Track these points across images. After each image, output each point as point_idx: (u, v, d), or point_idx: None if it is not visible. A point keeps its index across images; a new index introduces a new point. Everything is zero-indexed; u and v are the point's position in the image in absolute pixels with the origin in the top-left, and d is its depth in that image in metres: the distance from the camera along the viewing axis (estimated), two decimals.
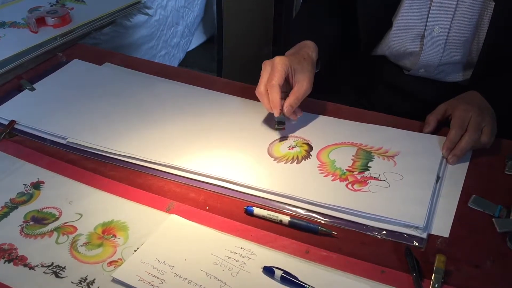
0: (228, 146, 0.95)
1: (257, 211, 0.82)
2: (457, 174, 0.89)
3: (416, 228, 0.78)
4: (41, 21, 1.29)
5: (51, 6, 1.38)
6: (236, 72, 2.13)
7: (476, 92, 0.98)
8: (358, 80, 1.23)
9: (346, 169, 0.89)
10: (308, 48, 1.04)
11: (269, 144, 0.95)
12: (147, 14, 1.52)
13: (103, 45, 1.66)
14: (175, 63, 2.32)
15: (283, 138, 0.97)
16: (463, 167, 0.90)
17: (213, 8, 2.33)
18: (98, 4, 1.40)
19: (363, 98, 1.22)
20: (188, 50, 2.46)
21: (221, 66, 2.12)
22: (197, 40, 2.54)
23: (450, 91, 1.09)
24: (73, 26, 1.30)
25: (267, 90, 0.96)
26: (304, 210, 0.82)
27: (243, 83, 1.14)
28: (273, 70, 0.96)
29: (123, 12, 1.40)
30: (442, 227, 0.79)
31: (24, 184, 0.88)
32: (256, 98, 1.07)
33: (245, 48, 2.11)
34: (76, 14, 1.34)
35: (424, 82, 1.13)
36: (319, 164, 0.91)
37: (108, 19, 1.36)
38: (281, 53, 1.03)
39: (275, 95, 0.95)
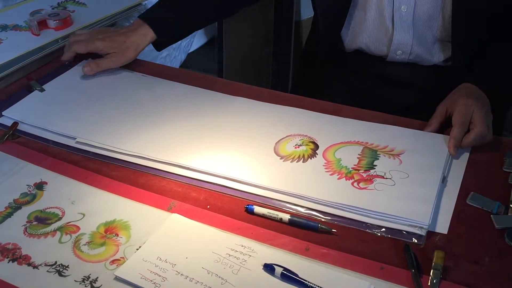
0: (234, 145, 0.96)
1: (257, 209, 0.83)
2: (455, 171, 0.89)
3: (421, 227, 0.78)
4: (43, 24, 1.29)
5: (52, 9, 1.39)
6: (237, 73, 2.14)
7: (469, 83, 0.99)
8: (345, 76, 1.25)
9: (352, 168, 0.90)
10: None
11: (275, 143, 0.96)
12: None
13: None
14: (176, 65, 2.33)
15: (289, 136, 0.98)
16: (462, 165, 0.91)
17: None
18: (99, 6, 1.41)
19: (355, 95, 1.23)
20: (189, 51, 2.47)
21: (222, 67, 2.13)
22: (198, 41, 2.55)
23: (436, 74, 1.13)
24: (75, 28, 1.30)
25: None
26: (304, 208, 0.83)
27: (244, 84, 1.15)
28: None
29: (124, 14, 1.41)
30: (441, 223, 0.80)
31: (27, 185, 0.89)
32: (259, 98, 1.08)
33: (246, 49, 2.12)
34: (77, 17, 1.35)
35: (408, 67, 1.16)
36: (325, 163, 0.91)
37: (109, 22, 1.37)
38: (281, 54, 1.05)
39: None
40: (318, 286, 0.70)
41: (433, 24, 1.08)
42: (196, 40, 2.52)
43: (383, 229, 0.79)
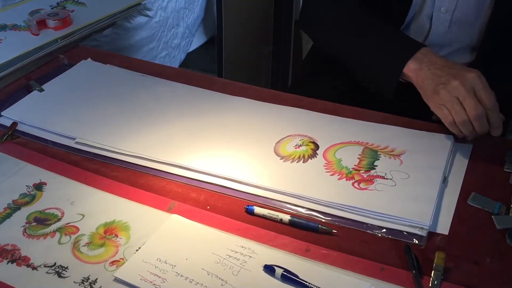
0: (234, 146, 0.96)
1: (257, 210, 0.82)
2: (456, 171, 0.89)
3: (422, 228, 0.78)
4: (42, 24, 1.29)
5: (52, 8, 1.39)
6: (236, 73, 2.14)
7: None
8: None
9: (352, 168, 0.89)
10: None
11: (276, 143, 0.96)
12: (147, 15, 1.52)
13: (104, 46, 1.67)
14: (175, 64, 2.33)
15: (289, 136, 0.97)
16: (463, 165, 0.90)
17: (213, 9, 2.34)
18: (98, 6, 1.40)
19: (357, 92, 1.22)
20: (189, 51, 2.47)
21: (221, 67, 2.13)
22: (197, 41, 2.54)
23: None
24: (74, 28, 1.30)
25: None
26: (305, 209, 0.83)
27: (243, 84, 1.15)
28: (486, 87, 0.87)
29: (123, 14, 1.41)
30: (441, 224, 0.80)
31: (26, 186, 0.89)
32: (259, 98, 1.08)
33: (246, 49, 2.12)
34: (76, 16, 1.34)
35: None
36: (325, 163, 0.91)
37: (109, 21, 1.37)
38: (281, 53, 1.04)
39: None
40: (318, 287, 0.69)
41: (467, 30, 1.07)
42: (195, 40, 2.51)
43: (384, 230, 0.79)
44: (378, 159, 0.91)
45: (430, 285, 0.70)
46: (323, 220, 0.81)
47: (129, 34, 1.92)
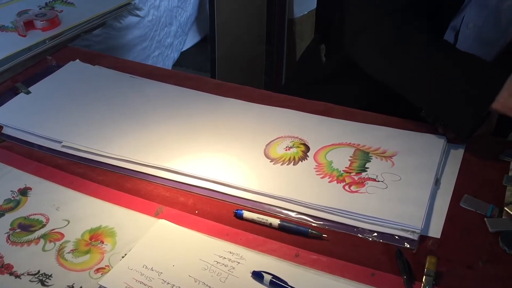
0: (223, 148, 0.94)
1: (246, 214, 0.81)
2: (448, 173, 0.88)
3: (413, 231, 0.76)
4: (29, 25, 1.27)
5: (40, 9, 1.37)
6: (230, 71, 2.12)
7: None
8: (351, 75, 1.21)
9: (343, 170, 0.88)
10: None
11: (266, 145, 0.94)
12: (137, 15, 1.50)
13: (96, 46, 1.65)
14: (169, 63, 2.31)
15: (280, 138, 0.96)
16: (455, 166, 0.89)
17: (206, 8, 2.32)
18: (87, 6, 1.39)
19: (357, 93, 1.19)
20: (182, 50, 2.45)
21: (214, 65, 2.11)
22: (191, 39, 2.53)
23: None
24: (62, 29, 1.28)
25: None
26: (295, 213, 0.81)
27: (236, 84, 1.13)
28: None
29: (113, 14, 1.39)
30: (433, 227, 0.78)
31: (11, 191, 0.87)
32: (251, 99, 1.06)
33: (239, 47, 2.11)
34: (65, 17, 1.33)
35: None
36: (316, 165, 0.90)
37: (98, 21, 1.35)
38: (275, 52, 1.01)
39: None
40: None
41: (488, 48, 1.05)
42: (189, 39, 2.50)
43: (375, 234, 0.77)
44: (370, 161, 0.90)
45: None
46: (313, 224, 0.80)
47: (122, 34, 1.90)
